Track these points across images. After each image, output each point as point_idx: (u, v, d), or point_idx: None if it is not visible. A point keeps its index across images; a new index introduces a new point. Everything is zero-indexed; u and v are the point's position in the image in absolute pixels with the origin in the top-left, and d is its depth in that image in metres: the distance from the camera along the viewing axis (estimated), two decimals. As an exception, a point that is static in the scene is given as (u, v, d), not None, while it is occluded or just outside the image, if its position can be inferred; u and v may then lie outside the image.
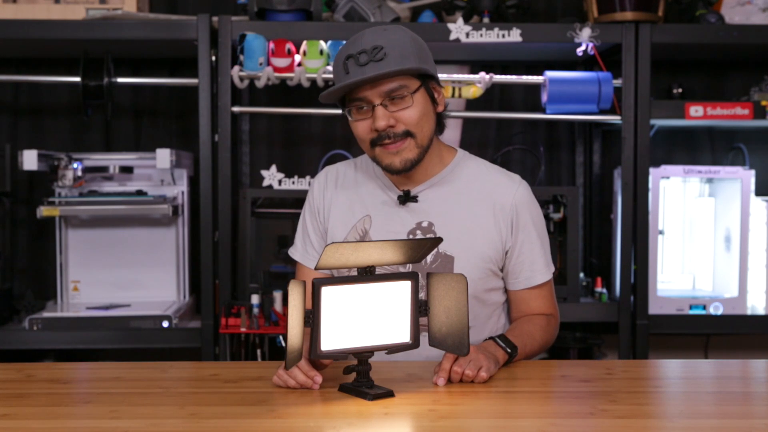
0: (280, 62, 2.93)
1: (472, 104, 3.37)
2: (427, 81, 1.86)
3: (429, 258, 1.89)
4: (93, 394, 1.67)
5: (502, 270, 1.96)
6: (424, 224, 1.92)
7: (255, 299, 2.88)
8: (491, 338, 1.81)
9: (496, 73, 3.05)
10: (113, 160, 3.14)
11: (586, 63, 3.33)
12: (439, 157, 1.96)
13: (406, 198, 1.92)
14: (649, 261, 3.02)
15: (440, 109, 1.91)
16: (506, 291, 2.01)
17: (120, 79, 3.06)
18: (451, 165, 1.97)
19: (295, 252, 2.06)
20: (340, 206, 1.98)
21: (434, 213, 1.92)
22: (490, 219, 1.92)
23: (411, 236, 1.91)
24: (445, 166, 1.96)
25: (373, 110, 1.82)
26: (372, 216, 1.94)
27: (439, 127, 1.93)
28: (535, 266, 1.96)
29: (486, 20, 3.05)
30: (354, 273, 1.62)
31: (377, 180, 1.98)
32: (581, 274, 3.20)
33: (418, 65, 1.81)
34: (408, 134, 1.84)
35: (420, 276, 1.64)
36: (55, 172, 3.03)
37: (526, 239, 1.95)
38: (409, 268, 1.87)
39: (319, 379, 1.63)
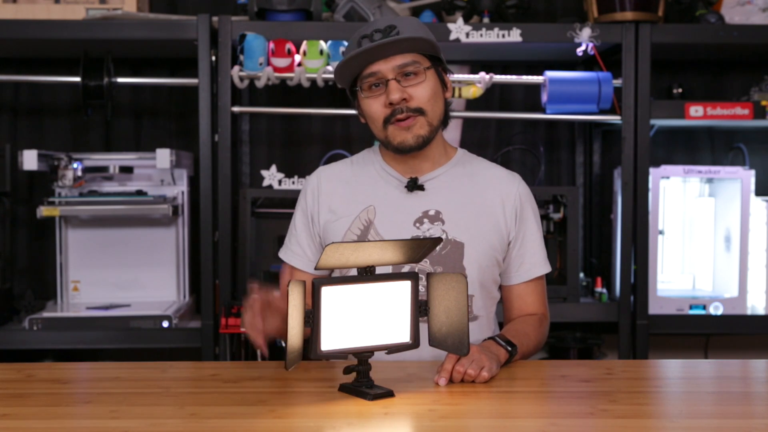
0: (280, 62, 2.93)
1: (472, 104, 3.37)
2: (437, 65, 1.89)
3: (438, 246, 1.88)
4: (93, 394, 1.67)
5: (503, 261, 1.97)
6: (431, 212, 1.92)
7: (255, 299, 2.88)
8: (491, 338, 1.81)
9: (496, 73, 3.05)
10: (113, 160, 3.14)
11: (586, 63, 3.33)
12: (444, 149, 1.99)
13: (413, 185, 1.93)
14: (649, 261, 3.02)
15: (448, 95, 1.93)
16: (500, 289, 2.02)
17: (120, 79, 3.06)
18: (455, 158, 2.00)
19: (283, 253, 2.04)
20: (340, 200, 1.97)
21: (442, 200, 1.93)
22: (497, 208, 1.95)
23: (417, 225, 1.91)
24: (450, 158, 1.99)
25: (386, 86, 1.84)
26: (376, 206, 1.93)
27: (446, 116, 1.94)
28: (535, 258, 1.98)
29: (486, 20, 3.05)
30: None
31: (379, 170, 1.98)
32: (581, 274, 3.20)
33: (431, 40, 1.85)
34: (419, 111, 1.86)
35: (429, 263, 1.63)
36: (55, 172, 3.04)
37: (528, 230, 1.97)
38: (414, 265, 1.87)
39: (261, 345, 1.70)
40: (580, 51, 3.01)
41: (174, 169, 3.14)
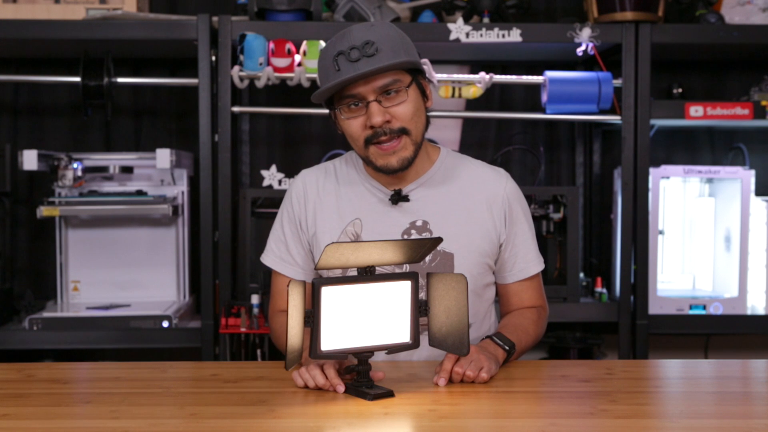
0: (280, 62, 2.93)
1: (472, 104, 3.37)
2: (417, 75, 1.84)
3: (428, 257, 1.87)
4: (93, 394, 1.67)
5: (495, 263, 1.96)
6: (419, 223, 1.89)
7: (255, 299, 2.88)
8: (489, 337, 1.81)
9: (496, 73, 3.04)
10: (113, 160, 3.14)
11: (586, 63, 3.33)
12: (426, 154, 1.94)
13: (398, 198, 1.89)
14: (649, 261, 3.02)
15: (429, 104, 1.88)
16: (495, 286, 2.01)
17: (120, 79, 3.06)
18: (438, 162, 1.95)
19: (266, 258, 2.00)
20: (326, 212, 1.93)
21: (428, 211, 1.90)
22: (485, 213, 1.92)
23: (405, 236, 1.89)
24: (432, 163, 1.94)
25: (366, 107, 1.78)
26: (362, 219, 1.90)
27: (427, 122, 1.89)
28: (528, 257, 1.97)
29: (486, 20, 3.05)
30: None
31: (363, 181, 1.93)
32: (581, 274, 3.20)
33: (411, 59, 1.80)
34: (403, 131, 1.80)
35: (420, 276, 1.64)
36: (55, 172, 3.04)
37: (519, 231, 1.95)
38: (407, 268, 1.85)
39: (341, 389, 1.59)
40: (580, 51, 3.01)
41: (174, 169, 3.14)
